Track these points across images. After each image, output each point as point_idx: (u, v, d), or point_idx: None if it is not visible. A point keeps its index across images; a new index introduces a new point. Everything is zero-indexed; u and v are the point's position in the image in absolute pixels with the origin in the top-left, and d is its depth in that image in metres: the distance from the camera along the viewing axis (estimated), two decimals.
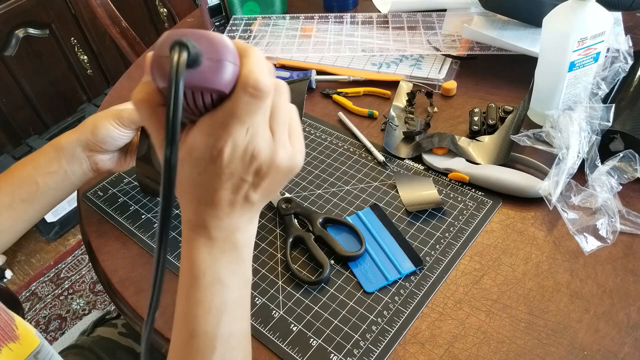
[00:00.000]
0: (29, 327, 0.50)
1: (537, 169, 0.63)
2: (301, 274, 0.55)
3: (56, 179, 0.57)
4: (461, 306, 0.51)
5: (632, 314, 0.49)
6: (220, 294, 0.36)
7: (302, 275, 0.55)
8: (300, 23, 0.97)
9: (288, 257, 0.56)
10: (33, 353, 0.49)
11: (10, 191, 0.56)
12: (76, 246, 1.70)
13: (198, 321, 0.36)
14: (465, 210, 0.61)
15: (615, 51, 0.64)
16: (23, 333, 0.49)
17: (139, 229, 0.63)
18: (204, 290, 0.36)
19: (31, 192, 0.56)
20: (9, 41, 1.60)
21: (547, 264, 0.54)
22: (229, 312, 0.37)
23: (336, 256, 0.57)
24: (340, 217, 0.61)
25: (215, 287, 0.36)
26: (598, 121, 0.59)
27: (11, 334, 0.47)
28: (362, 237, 0.58)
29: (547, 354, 0.47)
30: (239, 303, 0.38)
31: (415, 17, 0.94)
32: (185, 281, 0.36)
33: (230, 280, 0.37)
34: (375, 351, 0.48)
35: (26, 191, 0.56)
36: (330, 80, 0.84)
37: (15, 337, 0.48)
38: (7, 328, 0.47)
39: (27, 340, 0.49)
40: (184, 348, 0.36)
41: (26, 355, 0.48)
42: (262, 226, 0.62)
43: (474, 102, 0.77)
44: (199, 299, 0.36)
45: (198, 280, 0.36)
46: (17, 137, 1.73)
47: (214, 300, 0.36)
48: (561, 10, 0.60)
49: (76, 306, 1.53)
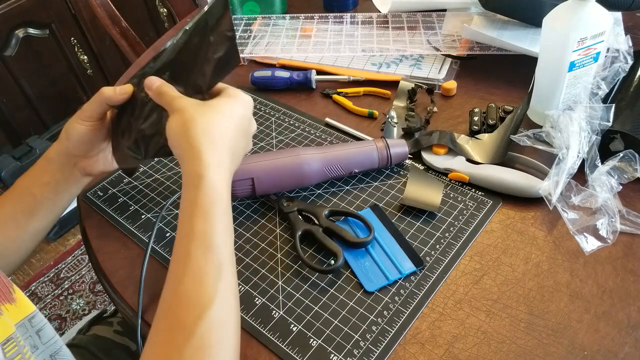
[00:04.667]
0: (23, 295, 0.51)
1: (537, 169, 0.63)
2: (314, 264, 0.56)
3: (50, 189, 0.59)
4: (461, 306, 0.51)
5: (632, 314, 0.49)
6: (230, 216, 0.47)
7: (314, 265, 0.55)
8: (300, 23, 0.97)
9: (299, 250, 0.56)
10: (28, 317, 0.50)
11: (12, 204, 0.59)
12: (76, 246, 1.70)
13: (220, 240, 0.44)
14: (466, 210, 0.61)
15: (615, 51, 0.64)
16: (19, 297, 0.50)
17: (138, 229, 0.63)
18: (226, 214, 0.46)
19: (30, 203, 0.59)
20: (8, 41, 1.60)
21: (547, 264, 0.54)
22: (232, 234, 0.47)
23: (347, 244, 0.57)
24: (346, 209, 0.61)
25: (230, 210, 0.47)
26: (598, 121, 0.59)
27: (8, 296, 0.48)
28: (370, 226, 0.58)
29: (547, 354, 0.47)
30: None
31: (415, 17, 0.94)
32: (205, 207, 0.44)
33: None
34: (375, 351, 0.48)
35: (26, 203, 0.59)
36: (330, 80, 0.84)
37: (12, 299, 0.49)
38: (4, 289, 0.48)
39: (23, 304, 0.50)
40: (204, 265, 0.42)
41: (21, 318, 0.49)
42: (262, 226, 0.62)
43: (474, 102, 0.77)
44: (220, 220, 0.44)
45: (221, 203, 0.45)
46: (17, 137, 1.73)
47: (229, 222, 0.46)
48: (561, 10, 0.60)
49: (76, 306, 1.53)
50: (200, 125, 0.47)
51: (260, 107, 0.81)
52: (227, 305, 0.42)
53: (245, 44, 0.92)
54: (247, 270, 0.57)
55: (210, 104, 0.50)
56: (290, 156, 0.62)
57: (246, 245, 0.60)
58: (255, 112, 0.80)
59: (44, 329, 0.51)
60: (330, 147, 0.65)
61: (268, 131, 0.75)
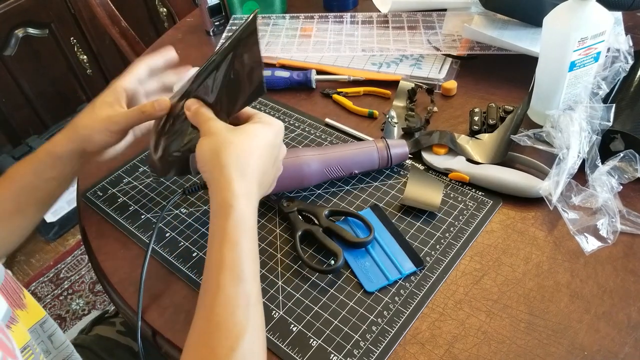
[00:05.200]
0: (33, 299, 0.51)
1: (537, 169, 0.63)
2: (314, 264, 0.56)
3: (56, 183, 0.59)
4: (461, 306, 0.51)
5: (632, 314, 0.49)
6: (257, 245, 0.48)
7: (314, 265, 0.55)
8: (300, 23, 0.97)
9: (299, 250, 0.56)
10: (39, 322, 0.50)
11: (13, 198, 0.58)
12: (76, 246, 1.70)
13: (249, 270, 0.44)
14: (466, 211, 0.60)
15: (616, 51, 0.64)
16: (30, 303, 0.50)
17: (138, 229, 0.63)
18: (254, 244, 0.46)
19: (37, 198, 0.59)
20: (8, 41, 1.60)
21: (547, 264, 0.54)
22: (258, 263, 0.47)
23: (347, 244, 0.57)
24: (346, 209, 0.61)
25: (257, 239, 0.47)
26: (598, 121, 0.59)
27: (19, 302, 0.48)
28: (370, 226, 0.58)
29: (547, 354, 0.47)
30: None
31: (415, 17, 0.94)
32: (235, 238, 0.44)
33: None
34: (375, 351, 0.48)
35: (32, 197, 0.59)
36: (330, 80, 0.84)
37: (23, 305, 0.49)
38: (15, 296, 0.48)
39: (34, 310, 0.50)
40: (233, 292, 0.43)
41: (33, 323, 0.49)
42: (262, 226, 0.62)
43: (474, 102, 0.76)
44: (248, 250, 0.45)
45: (249, 233, 0.46)
46: (16, 137, 1.73)
47: (256, 252, 0.47)
48: (561, 10, 0.60)
49: (76, 306, 1.53)
50: (232, 152, 0.47)
51: (260, 107, 0.81)
52: (257, 335, 0.42)
53: None
54: None
55: (243, 130, 0.49)
56: (291, 157, 0.62)
57: None
58: None
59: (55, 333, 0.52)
60: (331, 148, 0.65)
61: None
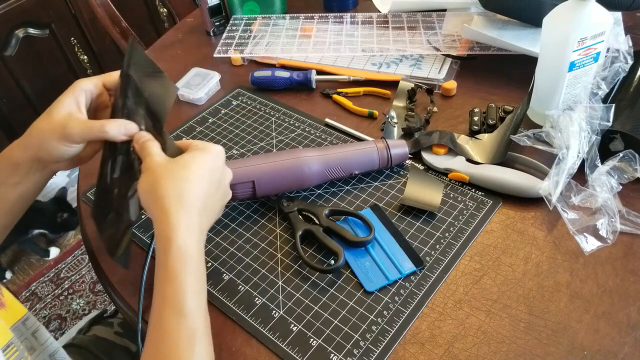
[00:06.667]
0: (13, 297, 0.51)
1: (537, 169, 0.63)
2: (314, 263, 0.56)
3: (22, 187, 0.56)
4: (461, 306, 0.51)
5: (632, 314, 0.49)
6: (203, 276, 0.46)
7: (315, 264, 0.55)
8: (300, 23, 0.97)
9: (299, 249, 0.56)
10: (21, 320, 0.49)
11: None
12: (76, 246, 1.70)
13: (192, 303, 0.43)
14: (465, 210, 0.61)
15: (615, 51, 0.64)
16: (9, 301, 0.49)
17: (138, 229, 0.63)
18: (197, 275, 0.45)
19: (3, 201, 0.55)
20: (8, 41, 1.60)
21: (547, 264, 0.54)
22: (204, 293, 0.46)
23: (347, 243, 0.57)
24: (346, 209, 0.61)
25: (203, 270, 0.46)
26: (598, 121, 0.59)
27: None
28: (370, 225, 0.58)
29: (547, 354, 0.47)
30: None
31: (415, 17, 0.94)
32: (175, 272, 0.43)
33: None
34: (375, 351, 0.48)
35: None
36: (330, 80, 0.84)
37: (1, 304, 0.48)
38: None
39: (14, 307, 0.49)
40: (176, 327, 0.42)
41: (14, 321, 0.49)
42: (262, 226, 0.62)
43: (474, 102, 0.77)
44: (190, 282, 0.43)
45: (192, 265, 0.44)
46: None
47: (202, 283, 0.45)
48: (561, 10, 0.60)
49: (76, 306, 1.53)
50: (169, 183, 0.46)
51: (260, 107, 0.81)
52: None
53: (245, 44, 0.92)
54: (247, 270, 0.57)
55: (177, 162, 0.48)
56: (291, 158, 0.62)
57: (246, 245, 0.60)
58: (255, 112, 0.80)
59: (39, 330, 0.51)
60: (331, 148, 0.65)
61: (268, 131, 0.75)
